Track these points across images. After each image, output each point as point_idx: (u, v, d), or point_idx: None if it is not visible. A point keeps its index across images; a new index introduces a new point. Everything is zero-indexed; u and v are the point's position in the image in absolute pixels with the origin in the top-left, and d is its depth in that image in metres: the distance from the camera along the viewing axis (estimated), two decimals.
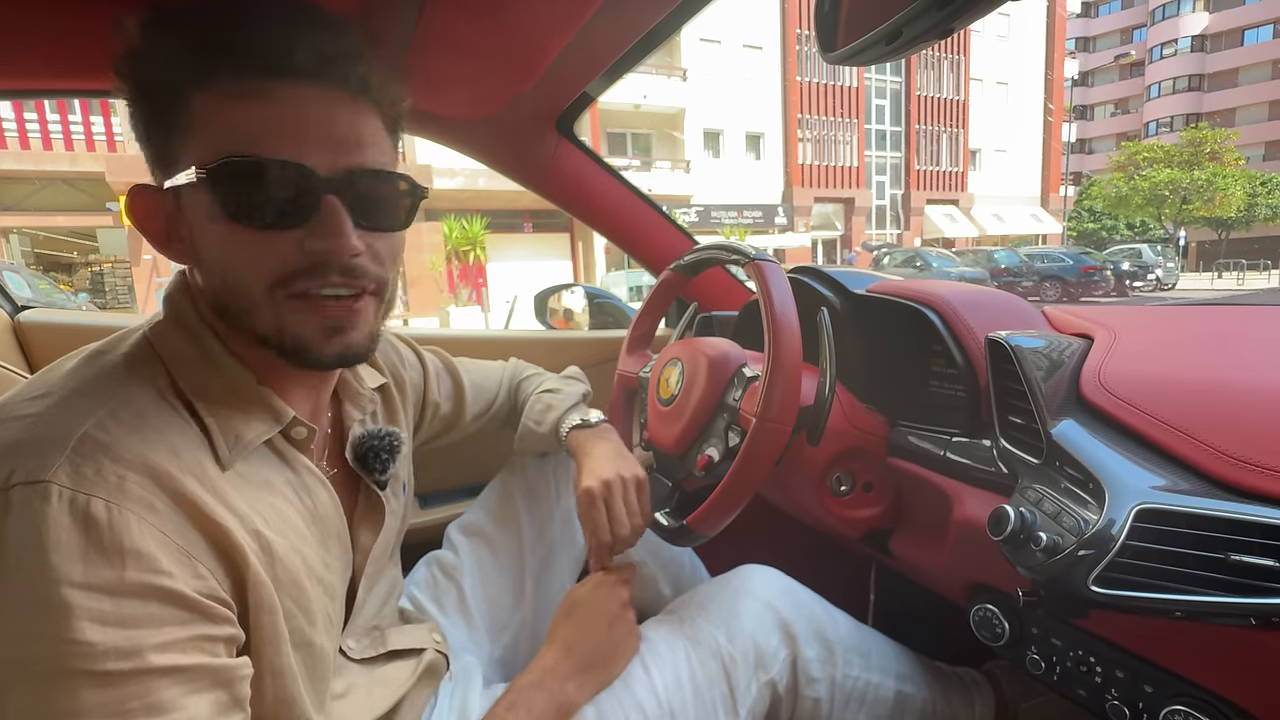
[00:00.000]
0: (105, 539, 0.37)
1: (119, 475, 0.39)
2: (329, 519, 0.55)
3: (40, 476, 0.37)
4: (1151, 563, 0.47)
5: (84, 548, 0.37)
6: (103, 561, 0.37)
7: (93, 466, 0.39)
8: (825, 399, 0.70)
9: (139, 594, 0.38)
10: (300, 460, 0.53)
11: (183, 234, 0.47)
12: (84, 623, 0.36)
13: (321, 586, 0.51)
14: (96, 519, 0.37)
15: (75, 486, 0.38)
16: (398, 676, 0.64)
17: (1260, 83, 34.38)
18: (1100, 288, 14.94)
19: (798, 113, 21.29)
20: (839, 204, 23.00)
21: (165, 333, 0.48)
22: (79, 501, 0.37)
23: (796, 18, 20.41)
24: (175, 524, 0.41)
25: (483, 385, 0.88)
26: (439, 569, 0.84)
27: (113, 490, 0.39)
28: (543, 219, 16.23)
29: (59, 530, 0.36)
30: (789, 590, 0.77)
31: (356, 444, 0.61)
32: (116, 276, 13.09)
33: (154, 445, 0.42)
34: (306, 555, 0.50)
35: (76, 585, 0.36)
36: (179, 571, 0.40)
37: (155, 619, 0.38)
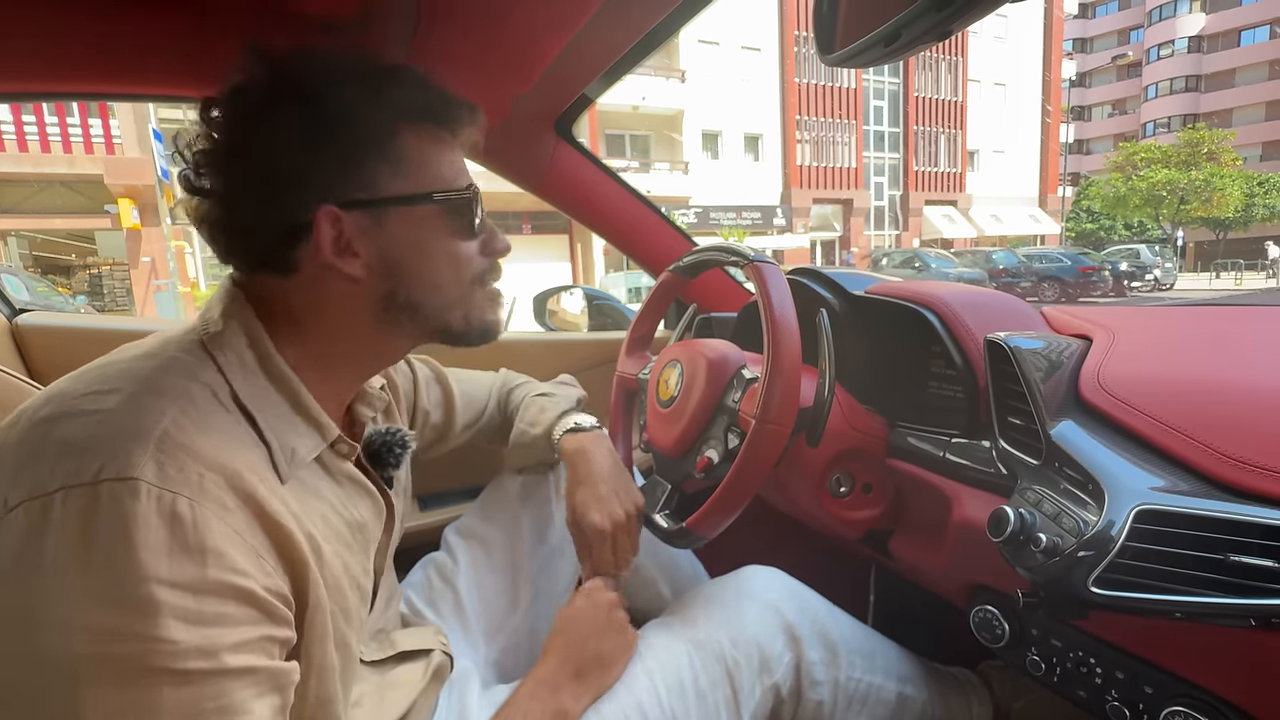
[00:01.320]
0: (190, 537, 0.38)
1: (199, 474, 0.40)
2: (370, 526, 0.57)
3: (130, 473, 0.38)
4: (1151, 564, 0.47)
5: (170, 545, 0.38)
6: (187, 559, 0.38)
7: (175, 464, 0.40)
8: (824, 400, 0.70)
9: (219, 592, 0.39)
10: (344, 470, 0.55)
11: (361, 249, 0.50)
12: (170, 620, 0.37)
13: (359, 592, 0.54)
14: (181, 516, 0.38)
15: (162, 484, 0.39)
16: (410, 679, 0.64)
17: (1257, 83, 34.47)
18: (1098, 288, 14.97)
19: (796, 114, 21.32)
20: (837, 205, 23.04)
21: (224, 340, 0.49)
22: (165, 499, 0.38)
23: (795, 19, 20.46)
24: (246, 523, 0.42)
25: (473, 395, 0.89)
26: (435, 572, 0.84)
27: (194, 489, 0.40)
28: (541, 221, 16.24)
29: (148, 528, 0.37)
30: (793, 592, 0.77)
31: (369, 441, 0.62)
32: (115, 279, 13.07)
33: (223, 445, 0.43)
34: (348, 561, 0.52)
35: (164, 583, 0.37)
36: (252, 569, 0.41)
37: (232, 618, 0.39)
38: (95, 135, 11.26)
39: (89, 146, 11.23)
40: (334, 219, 0.49)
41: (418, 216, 0.52)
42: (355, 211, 0.50)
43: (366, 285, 0.52)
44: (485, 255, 0.58)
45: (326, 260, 0.49)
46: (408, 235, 0.52)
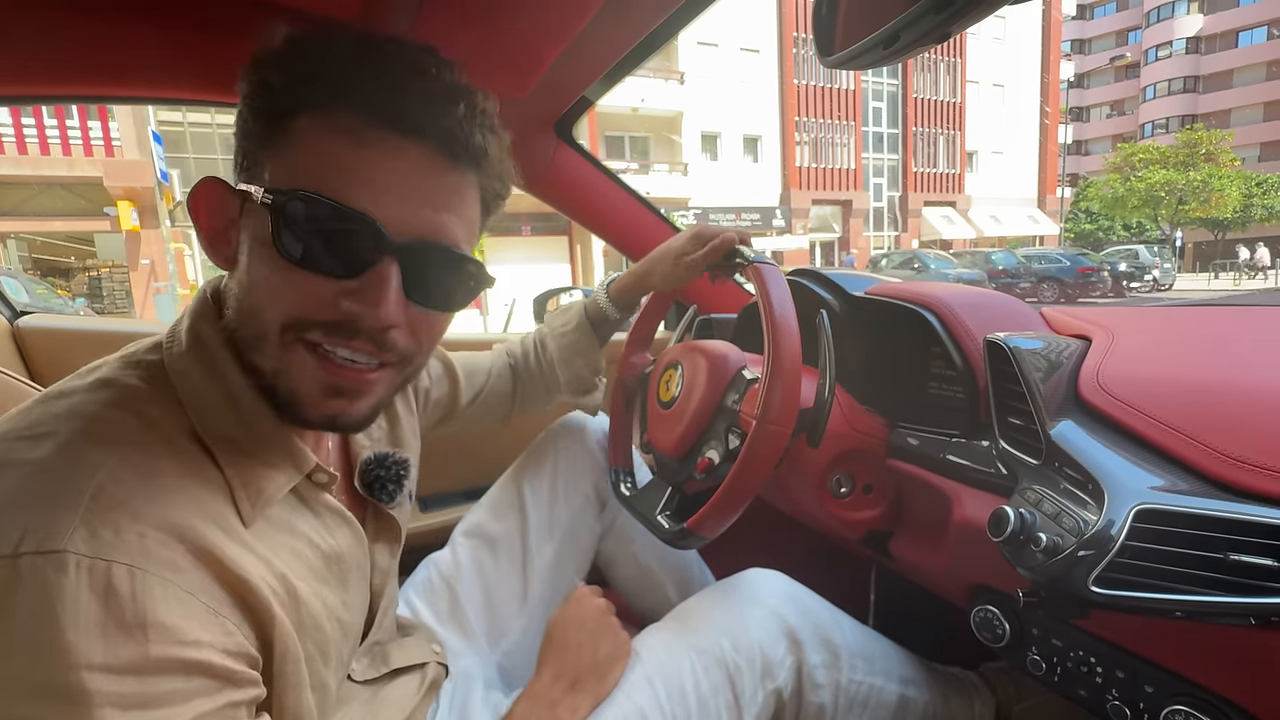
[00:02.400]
0: (127, 611, 0.34)
1: (139, 534, 0.36)
2: (352, 556, 0.53)
3: (55, 545, 0.33)
4: (1151, 563, 0.47)
5: (104, 623, 0.33)
6: (124, 638, 0.34)
7: (110, 528, 0.35)
8: (825, 401, 0.70)
9: (164, 670, 0.35)
10: (322, 501, 0.51)
11: (232, 239, 0.45)
12: (105, 710, 0.33)
13: (340, 628, 0.50)
14: (117, 589, 0.34)
15: (94, 553, 0.34)
16: (403, 695, 0.62)
17: (1255, 84, 34.54)
18: (1097, 288, 14.98)
19: (795, 115, 21.34)
20: (837, 206, 23.06)
21: (185, 366, 0.44)
22: (99, 570, 0.34)
23: (793, 21, 20.49)
24: (201, 581, 0.38)
25: (474, 366, 0.88)
26: (436, 573, 0.83)
27: (134, 553, 0.35)
28: (541, 222, 16.25)
29: (77, 606, 0.33)
30: (795, 596, 0.76)
31: (364, 471, 0.59)
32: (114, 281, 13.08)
33: (173, 495, 0.39)
34: (326, 598, 0.48)
35: (97, 668, 0.33)
36: (206, 635, 0.37)
37: (181, 694, 0.36)
38: (95, 138, 11.27)
39: (88, 149, 11.23)
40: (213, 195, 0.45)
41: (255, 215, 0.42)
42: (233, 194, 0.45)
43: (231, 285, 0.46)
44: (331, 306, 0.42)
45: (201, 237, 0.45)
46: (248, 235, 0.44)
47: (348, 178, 0.41)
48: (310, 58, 0.43)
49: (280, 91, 0.43)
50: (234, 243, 0.45)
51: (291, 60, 0.43)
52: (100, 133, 11.27)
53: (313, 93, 0.42)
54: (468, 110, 0.44)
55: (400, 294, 0.44)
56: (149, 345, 0.46)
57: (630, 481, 0.89)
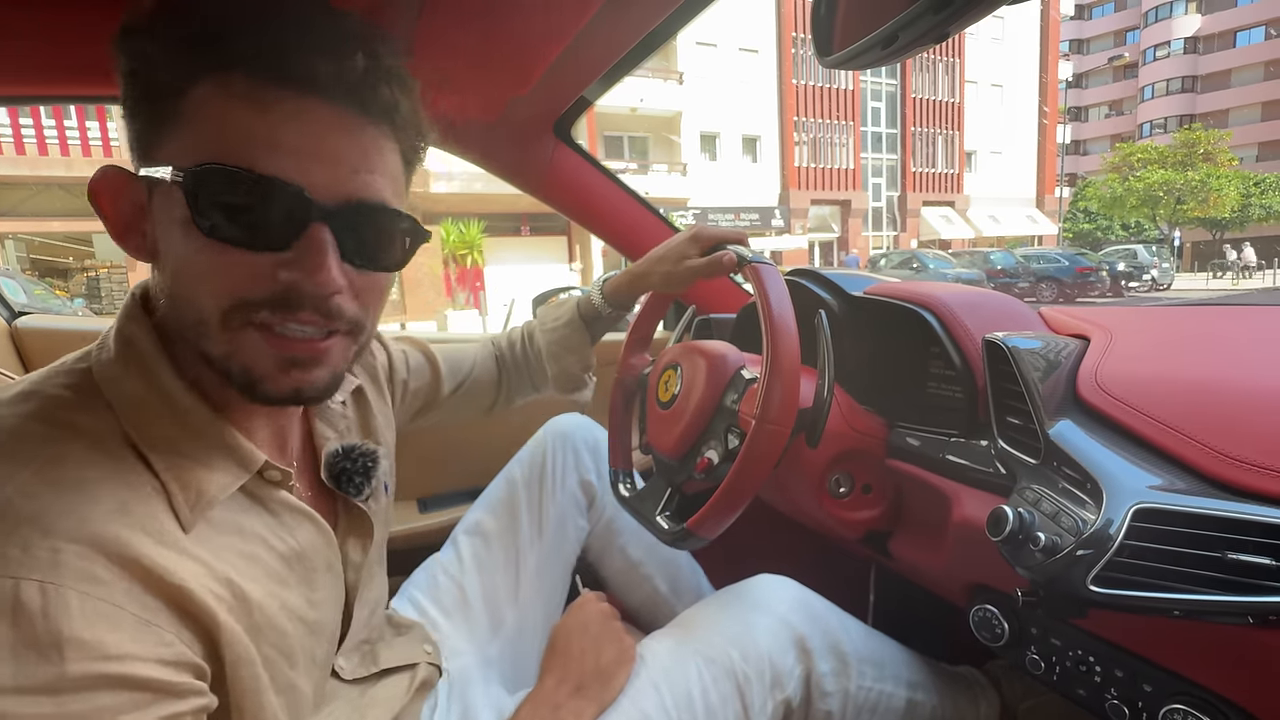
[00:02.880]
0: (38, 629, 0.32)
1: (51, 549, 0.34)
2: (316, 554, 0.51)
3: None
4: (1149, 562, 0.47)
5: (13, 644, 0.32)
6: (36, 657, 0.32)
7: (18, 545, 0.34)
8: (824, 401, 0.70)
9: (84, 687, 0.33)
10: (277, 499, 0.48)
11: (146, 229, 0.42)
12: None
13: (305, 626, 0.48)
14: (27, 606, 0.32)
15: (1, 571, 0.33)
16: (391, 694, 0.62)
17: (1253, 84, 34.59)
18: (1096, 288, 15.00)
19: (794, 115, 21.35)
20: (835, 206, 23.07)
21: (114, 373, 0.42)
22: (5, 589, 0.32)
23: (792, 21, 20.50)
24: (127, 592, 0.36)
25: (457, 355, 0.87)
26: (440, 571, 0.84)
27: (45, 569, 0.33)
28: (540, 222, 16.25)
29: None
30: (804, 603, 0.76)
31: (330, 464, 0.57)
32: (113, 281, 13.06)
33: (94, 505, 0.37)
34: (286, 599, 0.46)
35: (8, 691, 0.31)
36: (136, 647, 0.35)
37: (108, 710, 0.34)
38: (93, 138, 11.25)
39: (86, 149, 11.22)
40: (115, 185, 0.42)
41: (166, 197, 0.40)
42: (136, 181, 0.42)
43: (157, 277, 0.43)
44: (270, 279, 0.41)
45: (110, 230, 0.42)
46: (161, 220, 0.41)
47: (258, 145, 0.39)
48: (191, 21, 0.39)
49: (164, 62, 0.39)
50: (148, 232, 0.43)
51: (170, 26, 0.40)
52: (98, 133, 11.25)
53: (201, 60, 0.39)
54: (370, 62, 0.42)
55: (338, 259, 0.42)
56: (77, 355, 0.45)
57: (629, 482, 0.89)
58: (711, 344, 0.83)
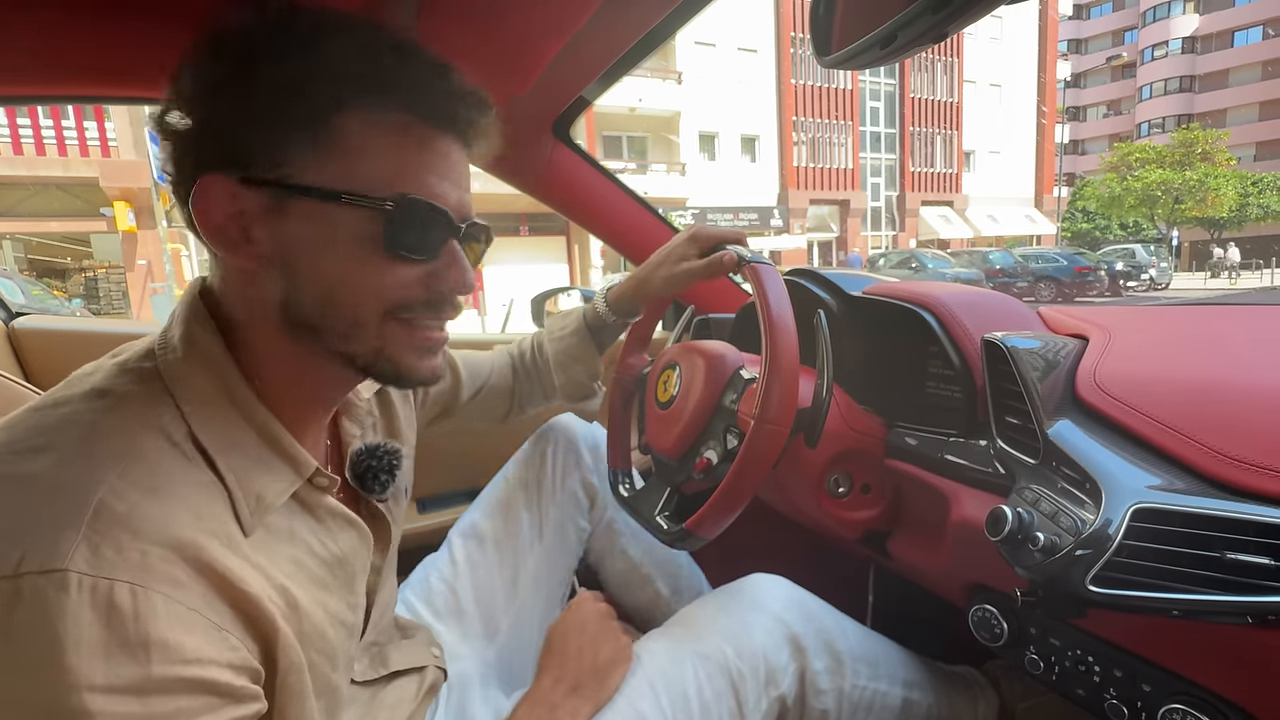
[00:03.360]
0: (130, 630, 0.34)
1: (141, 551, 0.36)
2: (356, 558, 0.53)
3: (56, 564, 0.33)
4: (1148, 562, 0.47)
5: (106, 643, 0.33)
6: (127, 658, 0.34)
7: (112, 545, 0.35)
8: (823, 401, 0.70)
9: (166, 689, 0.35)
10: (324, 505, 0.50)
11: (258, 235, 0.44)
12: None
13: (345, 630, 0.50)
14: (120, 608, 0.34)
15: (95, 571, 0.34)
16: (402, 697, 0.62)
17: (1250, 84, 34.65)
18: (1094, 288, 15.01)
19: (793, 115, 21.36)
20: (834, 206, 23.07)
21: (182, 371, 0.44)
22: (101, 589, 0.34)
23: (791, 21, 20.50)
24: (204, 596, 0.38)
25: (476, 362, 0.87)
26: (435, 573, 0.84)
27: (136, 571, 0.35)
28: (539, 222, 16.24)
29: (79, 626, 0.33)
30: (799, 601, 0.76)
31: (355, 462, 0.58)
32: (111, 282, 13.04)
33: (174, 509, 0.38)
34: (329, 604, 0.48)
35: (99, 689, 0.33)
36: (210, 651, 0.37)
37: (185, 712, 0.35)
38: (91, 138, 11.24)
39: (84, 149, 11.20)
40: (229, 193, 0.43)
41: (326, 215, 0.44)
42: (255, 190, 0.43)
43: (263, 283, 0.45)
44: (424, 287, 0.47)
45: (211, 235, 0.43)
46: (311, 232, 0.44)
47: (418, 174, 0.45)
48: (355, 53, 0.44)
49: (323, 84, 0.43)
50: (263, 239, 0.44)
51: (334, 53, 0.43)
52: (96, 133, 11.24)
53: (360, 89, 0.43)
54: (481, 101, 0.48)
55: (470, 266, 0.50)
56: (142, 352, 0.46)
57: (629, 482, 0.89)
58: (710, 344, 0.83)
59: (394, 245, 0.45)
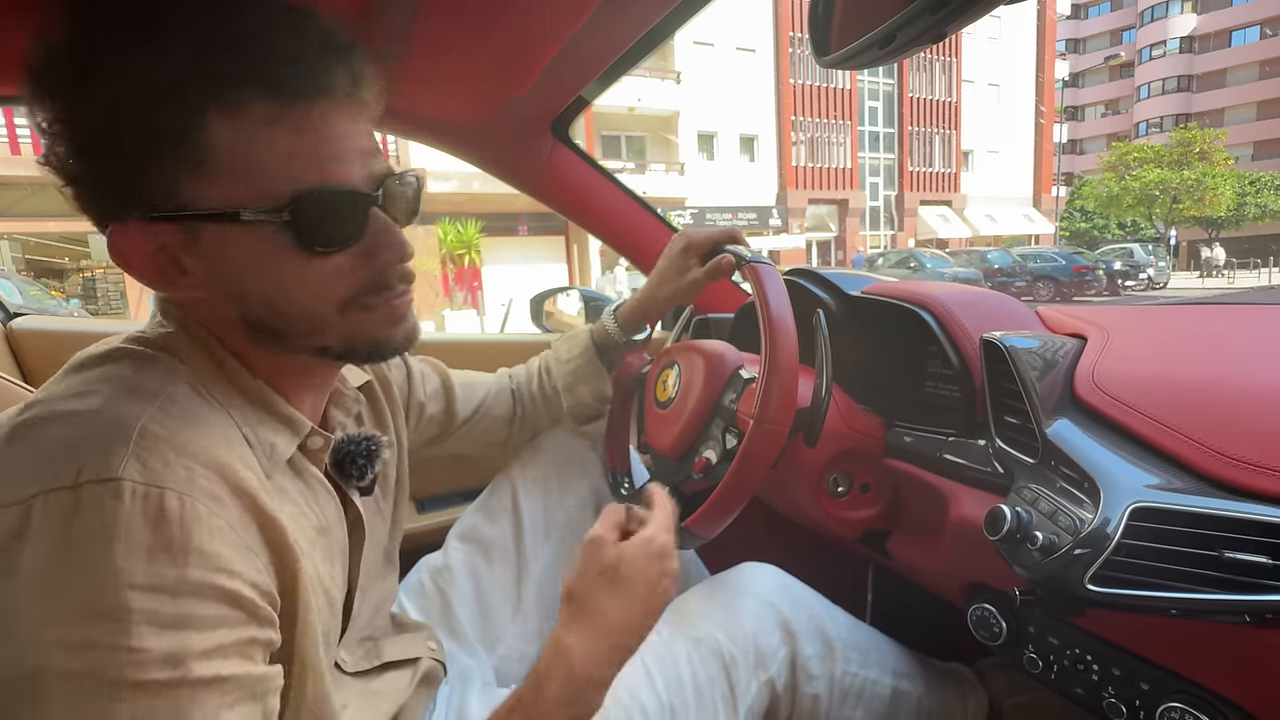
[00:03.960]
0: (175, 535, 0.36)
1: (186, 467, 0.38)
2: (334, 531, 0.54)
3: (112, 473, 0.36)
4: (1147, 561, 0.47)
5: (151, 545, 0.36)
6: (168, 560, 0.36)
7: (160, 459, 0.38)
8: (822, 400, 0.71)
9: (197, 593, 0.37)
10: (311, 472, 0.52)
11: (188, 266, 0.43)
12: (142, 627, 0.35)
13: (326, 600, 0.51)
14: (168, 513, 0.36)
15: (148, 480, 0.37)
16: (395, 686, 0.62)
17: (1248, 83, 34.71)
18: (1093, 287, 15.04)
19: (791, 115, 21.36)
20: (833, 205, 23.08)
21: (178, 344, 0.46)
22: (153, 496, 0.36)
23: (790, 21, 20.50)
24: (239, 517, 0.40)
25: (472, 383, 0.86)
26: (429, 576, 0.83)
27: (184, 482, 0.38)
28: (538, 222, 16.23)
29: (130, 529, 0.35)
30: (788, 588, 0.77)
31: (335, 449, 0.57)
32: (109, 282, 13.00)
33: (210, 438, 0.41)
34: (319, 566, 0.49)
35: (140, 588, 0.35)
36: (240, 567, 0.39)
37: (209, 621, 0.37)
38: None
39: None
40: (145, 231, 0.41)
41: (232, 234, 0.42)
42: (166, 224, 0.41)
43: (215, 305, 0.45)
44: (365, 269, 0.46)
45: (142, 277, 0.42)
46: (230, 255, 0.42)
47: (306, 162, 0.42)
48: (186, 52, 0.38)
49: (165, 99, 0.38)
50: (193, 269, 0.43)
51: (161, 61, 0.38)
52: None
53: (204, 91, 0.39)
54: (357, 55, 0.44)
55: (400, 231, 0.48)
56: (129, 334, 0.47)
57: (628, 482, 0.89)
58: (710, 343, 0.83)
59: (311, 245, 0.43)
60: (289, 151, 0.41)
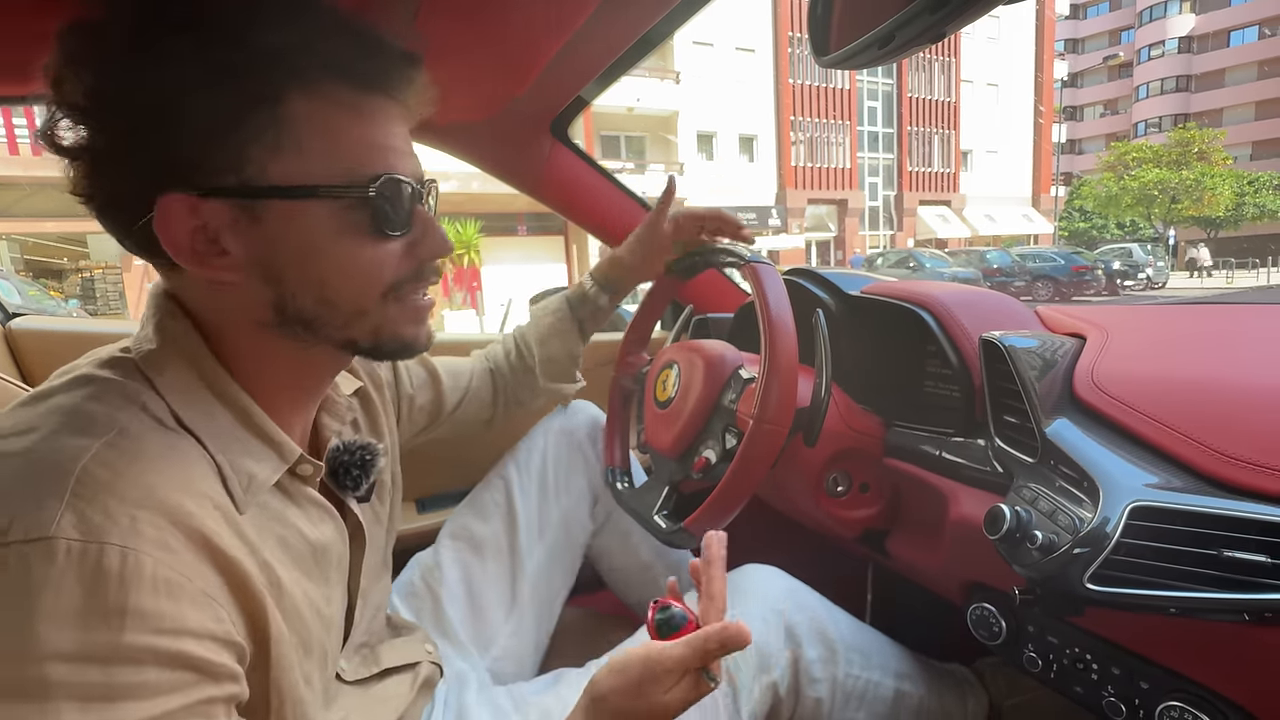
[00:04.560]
0: (110, 596, 0.33)
1: (130, 516, 0.35)
2: (332, 550, 0.52)
3: (43, 531, 0.33)
4: (1146, 560, 0.47)
5: (83, 610, 0.33)
6: (101, 626, 0.33)
7: (99, 509, 0.34)
8: (821, 400, 0.71)
9: (135, 659, 0.34)
10: (304, 493, 0.50)
11: (231, 246, 0.42)
12: (64, 703, 0.31)
13: (321, 620, 0.49)
14: (106, 572, 0.33)
15: (85, 536, 0.33)
16: (397, 692, 0.62)
17: (1246, 83, 34.74)
18: (1092, 287, 15.05)
19: (790, 115, 21.36)
20: (832, 205, 23.08)
21: (160, 360, 0.43)
22: (90, 554, 0.33)
23: (789, 21, 20.51)
24: (194, 563, 0.37)
25: (456, 369, 0.86)
26: (419, 576, 0.82)
27: (126, 534, 0.34)
28: (537, 222, 16.23)
29: (58, 594, 0.32)
30: (792, 590, 0.77)
31: (330, 458, 0.56)
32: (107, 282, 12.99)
33: (162, 475, 0.38)
34: (309, 590, 0.48)
35: (65, 658, 0.32)
36: (192, 620, 0.36)
37: (148, 688, 0.34)
38: None
39: None
40: (190, 208, 0.40)
41: (304, 211, 0.42)
42: (217, 200, 0.40)
43: (247, 291, 0.43)
44: (410, 259, 0.47)
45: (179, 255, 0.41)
46: (291, 234, 0.42)
47: (377, 148, 0.44)
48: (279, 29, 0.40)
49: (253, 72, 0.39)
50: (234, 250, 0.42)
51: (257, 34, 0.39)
52: None
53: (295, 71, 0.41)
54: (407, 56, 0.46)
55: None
56: (117, 347, 0.46)
57: (627, 481, 0.89)
58: (709, 343, 0.83)
59: (379, 227, 0.45)
60: (364, 139, 0.44)
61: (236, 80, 0.39)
